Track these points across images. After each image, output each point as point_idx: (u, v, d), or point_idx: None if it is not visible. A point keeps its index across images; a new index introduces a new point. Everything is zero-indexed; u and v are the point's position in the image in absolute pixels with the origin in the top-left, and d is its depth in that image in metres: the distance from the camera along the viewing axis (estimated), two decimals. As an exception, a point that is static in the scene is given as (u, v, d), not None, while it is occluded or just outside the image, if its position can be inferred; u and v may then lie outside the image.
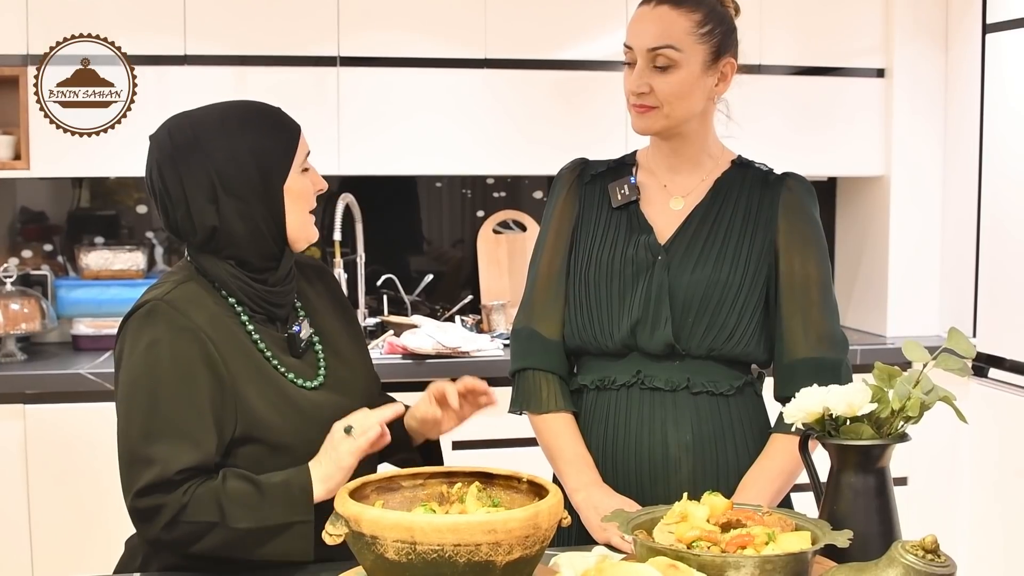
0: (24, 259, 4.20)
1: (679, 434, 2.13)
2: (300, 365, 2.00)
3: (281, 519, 1.81)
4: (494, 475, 1.77)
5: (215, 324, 1.90)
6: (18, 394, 3.56)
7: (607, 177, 2.27)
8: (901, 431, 1.76)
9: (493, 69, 4.05)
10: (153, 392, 1.82)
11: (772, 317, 2.17)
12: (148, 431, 1.81)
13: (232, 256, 1.95)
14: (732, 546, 1.62)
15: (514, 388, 2.29)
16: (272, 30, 3.90)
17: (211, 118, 1.96)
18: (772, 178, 2.22)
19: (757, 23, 4.14)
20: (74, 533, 3.56)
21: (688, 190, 2.22)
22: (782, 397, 2.16)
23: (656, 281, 2.14)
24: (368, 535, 1.53)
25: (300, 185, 1.98)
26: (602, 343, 2.18)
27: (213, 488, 1.80)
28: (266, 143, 1.94)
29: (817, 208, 2.23)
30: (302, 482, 1.84)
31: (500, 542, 1.51)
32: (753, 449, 2.17)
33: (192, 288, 1.93)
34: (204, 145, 1.92)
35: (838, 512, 1.75)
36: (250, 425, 1.88)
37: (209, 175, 1.91)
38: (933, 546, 1.54)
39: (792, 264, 2.16)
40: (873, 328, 4.39)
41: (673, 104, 2.12)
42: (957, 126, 4.22)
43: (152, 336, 1.85)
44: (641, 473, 2.14)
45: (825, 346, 2.15)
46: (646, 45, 2.11)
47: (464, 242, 4.55)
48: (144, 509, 1.80)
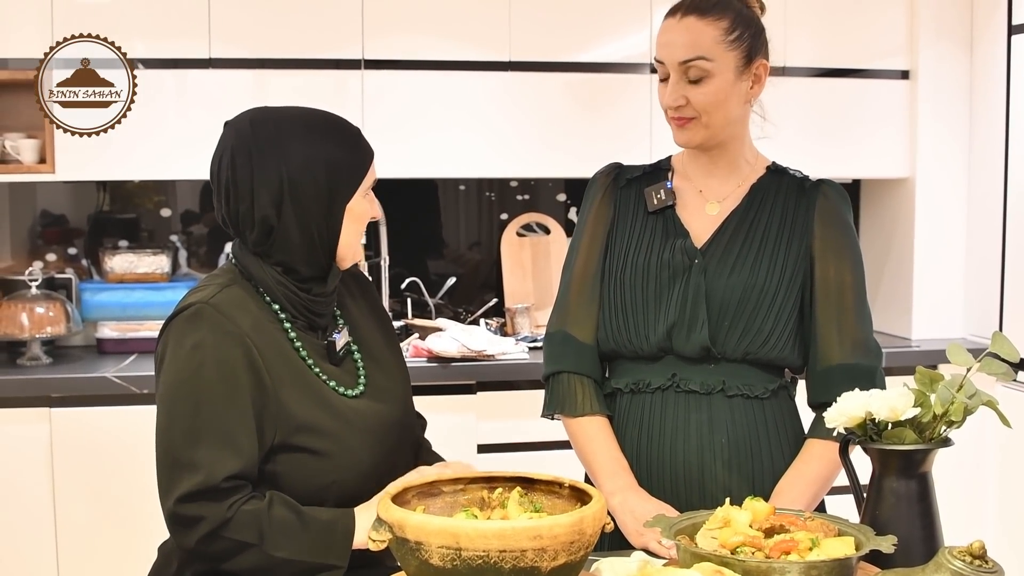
0: (48, 262, 4.21)
1: (714, 437, 2.12)
2: (340, 373, 1.99)
3: (319, 558, 1.81)
4: (535, 480, 1.76)
5: (259, 329, 1.89)
6: (43, 397, 3.57)
7: (643, 182, 2.27)
8: (944, 436, 1.75)
9: (517, 72, 4.04)
10: (196, 395, 1.82)
11: (807, 323, 2.17)
12: (191, 434, 1.80)
13: (281, 262, 1.94)
14: (776, 551, 1.61)
15: (547, 392, 2.29)
16: (297, 33, 3.90)
17: (296, 120, 1.96)
18: (808, 185, 2.22)
19: (781, 26, 4.13)
20: (99, 537, 3.56)
21: (724, 195, 2.22)
22: (816, 403, 2.16)
23: (693, 284, 2.13)
24: (413, 541, 1.53)
25: (361, 208, 2.00)
26: (637, 346, 2.18)
27: (258, 510, 1.80)
28: (342, 159, 1.96)
29: (852, 215, 2.23)
30: (346, 527, 1.83)
31: (545, 548, 1.50)
32: (788, 453, 2.16)
33: (236, 292, 1.93)
34: (284, 144, 1.91)
35: (880, 517, 1.74)
36: (292, 431, 1.87)
37: (280, 175, 1.90)
38: (981, 552, 1.53)
39: (827, 270, 2.16)
40: (898, 331, 4.36)
41: (711, 113, 2.12)
42: (982, 128, 4.20)
43: (196, 339, 1.84)
44: (676, 476, 2.14)
45: (860, 353, 2.14)
46: (677, 59, 2.10)
47: (488, 245, 4.55)
48: (185, 516, 1.79)
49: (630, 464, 2.17)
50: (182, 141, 3.81)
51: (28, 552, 3.57)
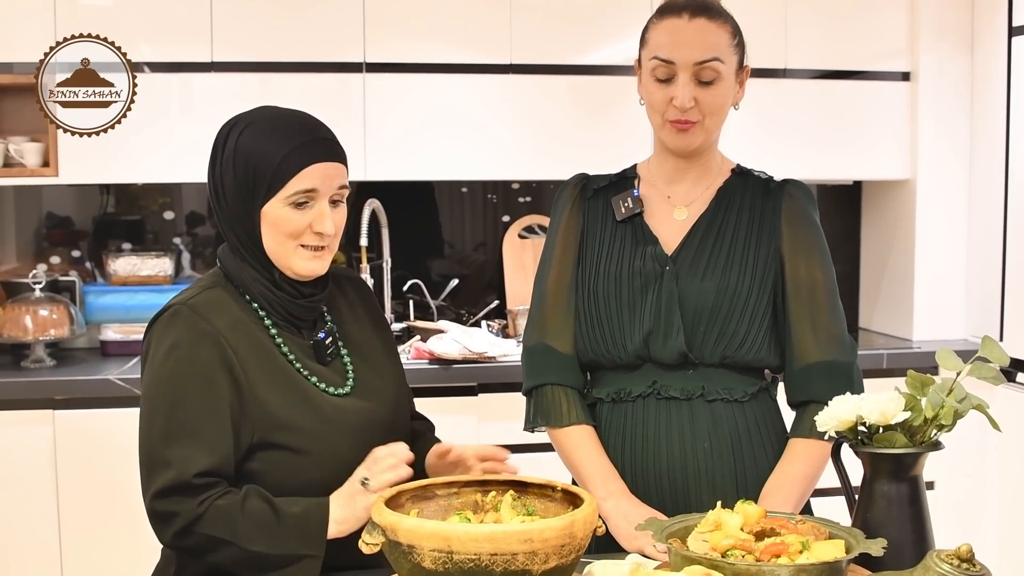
0: (52, 265, 4.23)
1: (696, 442, 2.14)
2: (328, 372, 2.00)
3: (293, 550, 1.82)
4: (528, 484, 1.78)
5: (237, 329, 1.91)
6: (47, 400, 3.59)
7: (609, 191, 2.28)
8: (934, 439, 1.76)
9: (518, 74, 4.05)
10: (172, 395, 1.85)
11: (781, 323, 2.19)
12: (166, 433, 1.83)
13: (261, 263, 1.95)
14: (766, 555, 1.62)
15: (530, 405, 2.29)
16: (298, 37, 3.92)
17: (254, 118, 1.95)
18: (773, 185, 2.23)
19: (782, 27, 4.14)
20: (103, 538, 3.58)
21: (691, 200, 2.23)
22: (796, 402, 2.18)
23: (666, 291, 2.15)
24: (405, 544, 1.54)
25: (279, 215, 1.91)
26: (615, 355, 2.19)
27: (231, 505, 1.81)
28: (266, 158, 1.89)
29: (818, 213, 2.24)
30: (319, 517, 1.83)
31: (536, 551, 1.52)
32: (771, 454, 2.18)
33: (218, 293, 1.95)
34: (229, 140, 1.93)
35: (871, 520, 1.75)
36: (271, 429, 1.89)
37: (214, 171, 1.94)
38: (968, 555, 1.54)
39: (798, 270, 2.17)
40: (899, 332, 4.37)
41: (715, 116, 2.14)
42: (983, 129, 4.21)
43: (174, 339, 1.87)
44: (660, 482, 2.15)
45: (835, 349, 2.16)
46: (693, 59, 2.10)
47: (489, 247, 4.56)
48: (161, 512, 1.82)
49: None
50: (184, 144, 3.82)
51: (32, 554, 3.59)
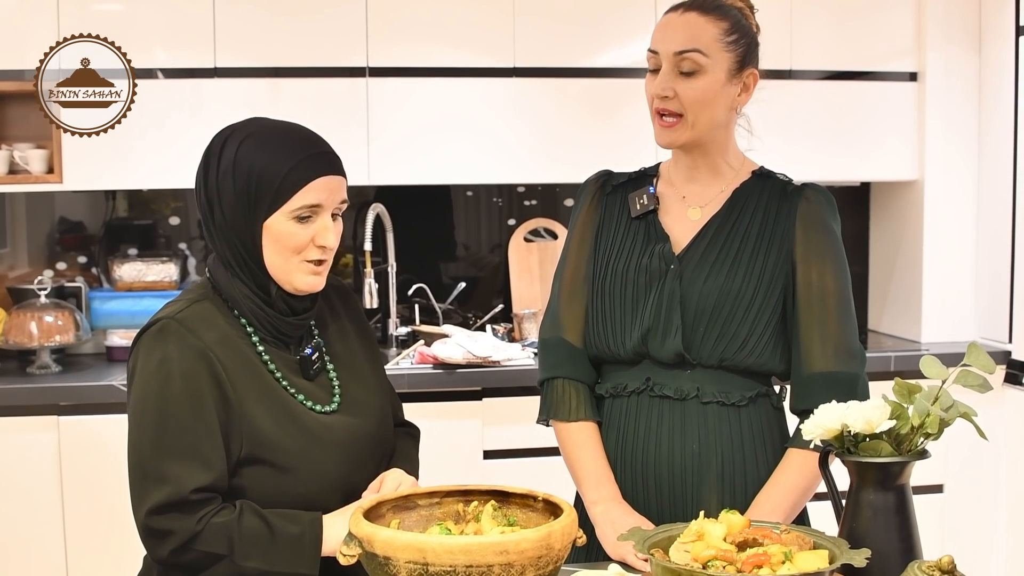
0: (59, 271, 4.24)
1: (685, 443, 2.12)
2: (314, 389, 1.98)
3: (288, 568, 1.81)
4: (510, 493, 1.77)
5: (224, 344, 1.90)
6: (52, 406, 3.60)
7: (628, 188, 2.28)
8: (921, 448, 1.74)
9: (522, 78, 4.05)
10: (163, 409, 1.83)
11: (790, 329, 2.16)
12: (159, 448, 1.82)
13: (253, 277, 1.93)
14: (748, 565, 1.60)
15: (542, 397, 2.29)
16: (301, 42, 3.92)
17: (250, 128, 1.92)
18: (791, 189, 2.20)
19: (788, 28, 4.12)
20: (108, 544, 3.59)
21: (706, 200, 2.21)
22: (799, 410, 2.15)
23: (668, 290, 2.14)
24: (381, 556, 1.54)
25: (282, 229, 1.89)
26: (615, 351, 2.18)
27: (228, 522, 1.81)
28: (269, 171, 1.87)
29: (837, 220, 2.20)
30: (314, 536, 1.83)
31: (512, 563, 1.51)
32: (770, 461, 2.15)
33: (205, 307, 1.93)
34: (224, 151, 1.90)
35: (858, 530, 1.73)
36: (257, 445, 1.87)
37: (209, 181, 1.90)
38: (950, 567, 1.52)
39: (809, 275, 2.14)
40: (907, 334, 4.35)
41: (697, 112, 2.11)
42: (991, 129, 4.18)
43: (162, 354, 1.85)
44: (647, 481, 2.14)
45: (843, 359, 2.12)
46: (673, 49, 2.11)
47: (495, 250, 4.56)
48: (157, 529, 1.81)
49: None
50: (187, 150, 3.81)
51: (37, 559, 3.60)
